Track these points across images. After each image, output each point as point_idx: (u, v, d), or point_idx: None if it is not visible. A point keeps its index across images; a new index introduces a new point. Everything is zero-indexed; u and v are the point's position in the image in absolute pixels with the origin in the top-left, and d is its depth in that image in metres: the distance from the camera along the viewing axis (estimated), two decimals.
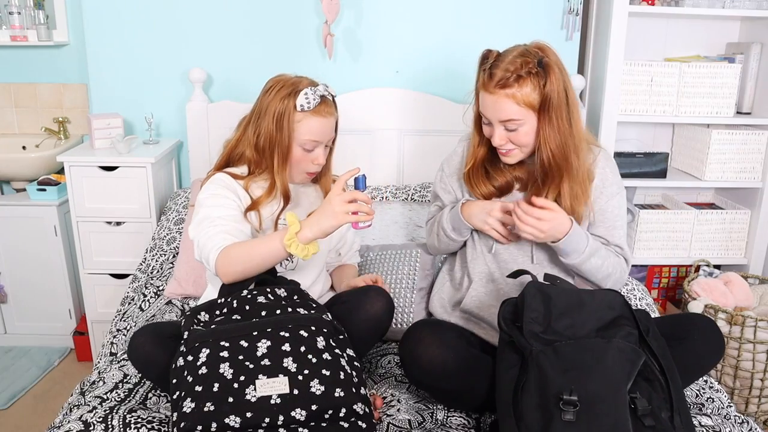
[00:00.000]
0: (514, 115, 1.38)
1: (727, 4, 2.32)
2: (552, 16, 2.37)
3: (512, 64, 1.36)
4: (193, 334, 1.26)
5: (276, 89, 1.47)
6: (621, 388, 1.12)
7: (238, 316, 1.30)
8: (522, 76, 1.35)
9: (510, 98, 1.36)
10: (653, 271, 2.65)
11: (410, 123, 2.34)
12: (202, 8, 2.32)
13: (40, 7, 2.42)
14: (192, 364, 1.22)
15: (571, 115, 1.40)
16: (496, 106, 1.39)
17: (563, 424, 1.08)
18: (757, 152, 2.44)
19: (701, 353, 1.36)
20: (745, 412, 2.16)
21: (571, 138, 1.41)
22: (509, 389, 1.20)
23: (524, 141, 1.41)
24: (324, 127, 1.49)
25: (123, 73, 2.38)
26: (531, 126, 1.40)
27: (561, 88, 1.37)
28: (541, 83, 1.36)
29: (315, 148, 1.50)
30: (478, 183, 1.51)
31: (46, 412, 2.12)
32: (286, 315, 1.30)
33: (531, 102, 1.37)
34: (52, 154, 2.37)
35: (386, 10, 2.34)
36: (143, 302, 1.90)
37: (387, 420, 1.34)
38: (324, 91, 1.48)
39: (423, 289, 1.76)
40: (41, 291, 2.45)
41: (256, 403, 1.16)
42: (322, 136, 1.49)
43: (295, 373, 1.20)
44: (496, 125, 1.41)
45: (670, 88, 2.36)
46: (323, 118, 1.48)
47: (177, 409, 1.18)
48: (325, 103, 1.48)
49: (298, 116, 1.46)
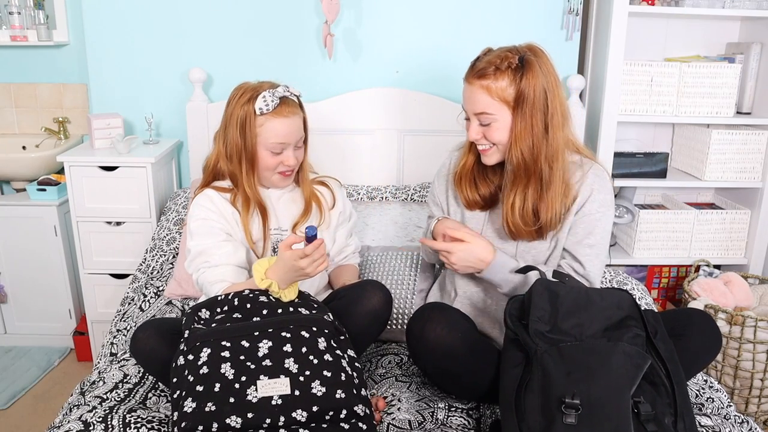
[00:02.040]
0: (487, 108, 1.37)
1: (727, 4, 2.32)
2: (552, 16, 2.37)
3: (495, 57, 1.36)
4: (194, 333, 1.26)
5: (237, 97, 1.50)
6: (625, 392, 1.11)
7: (239, 315, 1.30)
8: (500, 69, 1.35)
9: (484, 89, 1.36)
10: (653, 271, 2.65)
11: (410, 123, 2.34)
12: (202, 8, 2.32)
13: (40, 7, 2.42)
14: (193, 364, 1.22)
15: (549, 120, 1.36)
16: (472, 97, 1.39)
17: (564, 427, 1.08)
18: (757, 152, 2.43)
19: (698, 348, 1.36)
20: (745, 412, 2.16)
21: (545, 144, 1.37)
22: (513, 387, 1.20)
23: (497, 137, 1.39)
24: (287, 128, 1.49)
25: (123, 73, 2.38)
26: (504, 123, 1.38)
27: (539, 89, 1.34)
28: (517, 79, 1.34)
29: (283, 150, 1.51)
30: (465, 188, 1.51)
31: (46, 412, 2.12)
32: (288, 315, 1.30)
33: (505, 97, 1.36)
34: (52, 154, 2.37)
35: (386, 10, 2.34)
36: (143, 302, 1.90)
37: (387, 420, 1.34)
38: (284, 92, 1.49)
39: (423, 291, 1.76)
40: (41, 291, 2.45)
41: (258, 403, 1.16)
42: (286, 137, 1.50)
43: (296, 374, 1.20)
44: (472, 118, 1.41)
45: (670, 88, 2.36)
46: (285, 119, 1.48)
47: (178, 408, 1.18)
48: (286, 104, 1.49)
49: (260, 120, 1.47)
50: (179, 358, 1.25)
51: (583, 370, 1.14)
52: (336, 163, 2.29)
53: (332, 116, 2.32)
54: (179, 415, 1.17)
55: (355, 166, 2.36)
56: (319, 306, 1.36)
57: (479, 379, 1.36)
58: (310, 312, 1.32)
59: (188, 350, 1.24)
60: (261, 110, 1.46)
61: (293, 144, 1.52)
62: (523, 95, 1.34)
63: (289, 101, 1.50)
